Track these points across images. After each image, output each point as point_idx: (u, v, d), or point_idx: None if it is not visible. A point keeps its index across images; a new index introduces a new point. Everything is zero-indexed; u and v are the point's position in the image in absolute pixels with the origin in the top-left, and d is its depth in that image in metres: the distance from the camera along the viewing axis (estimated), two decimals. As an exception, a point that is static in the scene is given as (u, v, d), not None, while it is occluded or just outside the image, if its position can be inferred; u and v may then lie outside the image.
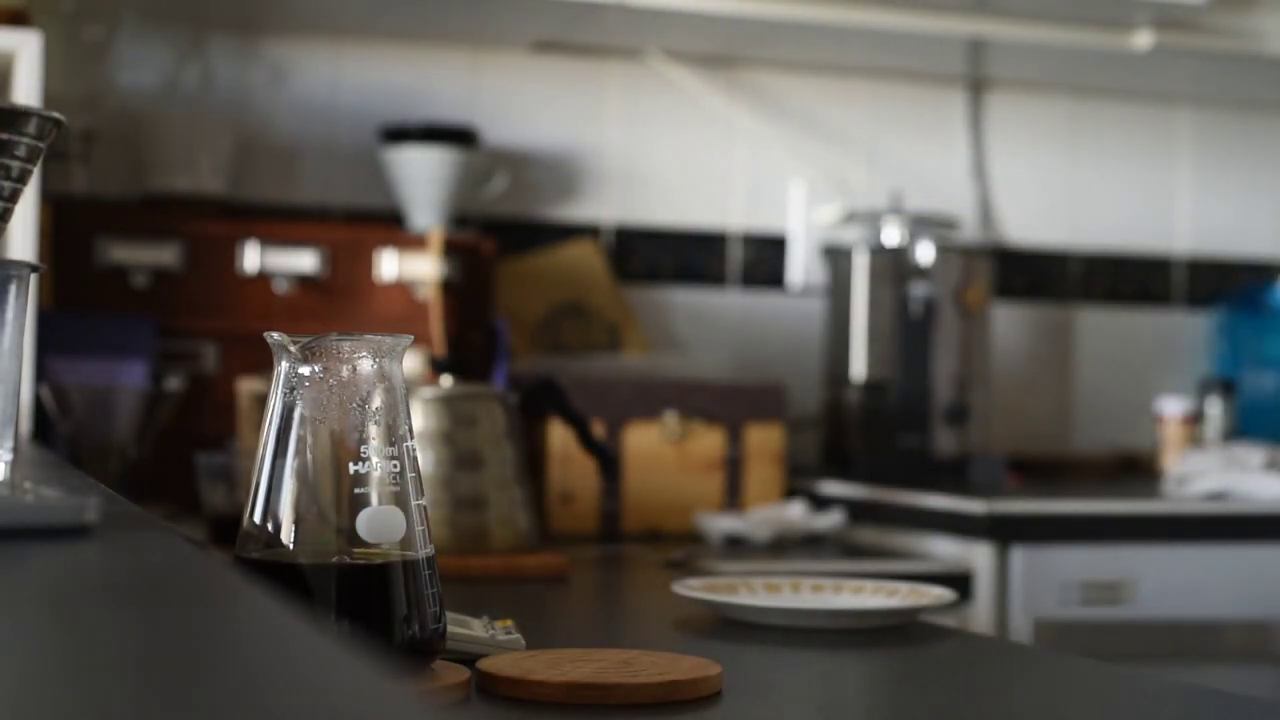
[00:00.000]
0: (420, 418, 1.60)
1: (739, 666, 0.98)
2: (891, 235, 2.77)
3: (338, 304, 2.44)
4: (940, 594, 1.24)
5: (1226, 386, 2.98)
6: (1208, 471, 2.50)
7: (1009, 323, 3.07)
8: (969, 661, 1.12)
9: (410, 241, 2.49)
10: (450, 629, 0.89)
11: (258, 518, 0.85)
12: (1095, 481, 2.84)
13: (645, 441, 2.39)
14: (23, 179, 0.88)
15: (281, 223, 2.55)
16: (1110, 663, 1.12)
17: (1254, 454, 2.58)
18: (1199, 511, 2.33)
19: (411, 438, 0.86)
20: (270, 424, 0.86)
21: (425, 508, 0.86)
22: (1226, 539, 2.30)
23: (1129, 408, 3.11)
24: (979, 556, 2.20)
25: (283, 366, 0.86)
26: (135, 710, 0.40)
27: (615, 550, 2.17)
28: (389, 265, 2.46)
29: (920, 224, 2.79)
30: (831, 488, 2.55)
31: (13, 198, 0.88)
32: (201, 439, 2.11)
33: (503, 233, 2.74)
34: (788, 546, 2.28)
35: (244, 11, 2.66)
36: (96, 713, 0.40)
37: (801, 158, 2.96)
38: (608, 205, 2.87)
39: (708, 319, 2.92)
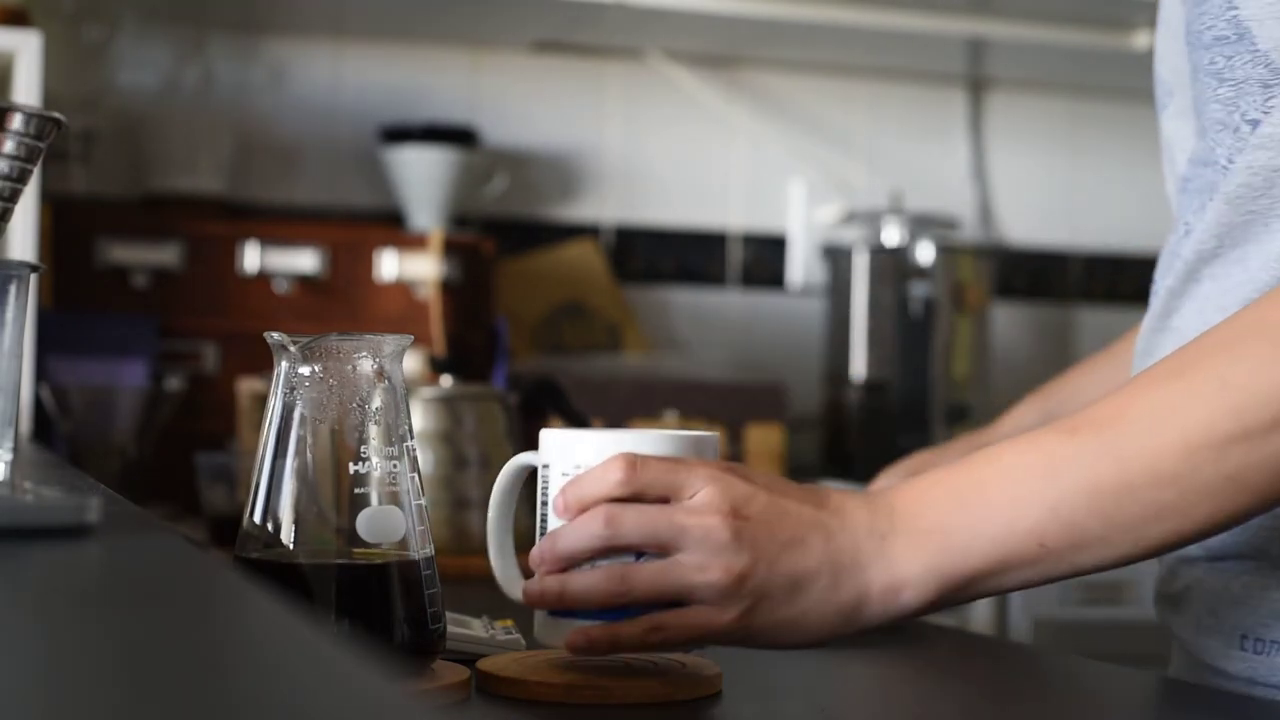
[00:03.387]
0: (420, 418, 1.60)
1: (739, 666, 0.98)
2: (891, 235, 2.77)
3: (338, 304, 2.44)
4: None
5: (1226, 386, 2.98)
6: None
7: (1009, 323, 3.07)
8: (969, 661, 1.11)
9: (410, 241, 2.49)
10: (450, 629, 0.89)
11: (258, 518, 0.85)
12: (1095, 481, 2.84)
13: (645, 441, 2.39)
14: (22, 179, 0.88)
15: (281, 223, 2.55)
16: (1110, 663, 1.12)
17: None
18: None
19: (411, 438, 0.86)
20: (270, 424, 0.86)
21: (425, 508, 0.86)
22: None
23: (1129, 408, 3.11)
24: (979, 556, 2.20)
25: (283, 366, 0.86)
26: (135, 710, 0.40)
27: (615, 550, 2.16)
28: (389, 265, 2.46)
29: (920, 224, 2.79)
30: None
31: (12, 198, 0.88)
32: (201, 439, 2.11)
33: (503, 233, 2.74)
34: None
35: (244, 11, 2.66)
36: (96, 713, 0.40)
37: (801, 158, 2.96)
38: (608, 205, 2.87)
39: (708, 319, 2.92)
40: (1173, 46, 1.09)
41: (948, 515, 0.86)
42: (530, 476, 0.93)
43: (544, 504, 0.89)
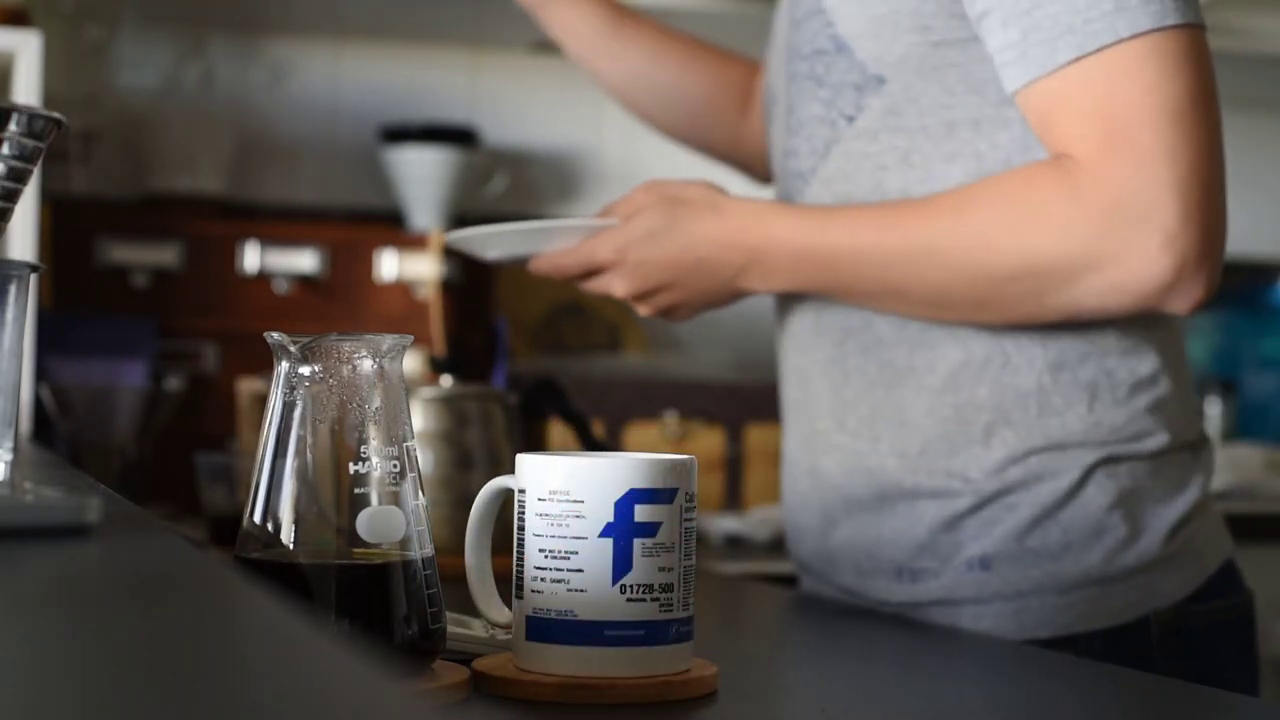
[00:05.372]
0: (420, 418, 1.60)
1: (737, 666, 0.98)
2: (891, 235, 2.77)
3: (338, 304, 2.45)
4: None
5: (1226, 386, 2.98)
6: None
7: (1009, 323, 3.06)
8: (969, 661, 1.12)
9: (410, 241, 2.49)
10: (450, 629, 0.89)
11: (258, 518, 0.85)
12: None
13: (645, 441, 2.39)
14: (22, 179, 0.88)
15: (281, 223, 2.55)
16: (1110, 663, 1.12)
17: (1254, 454, 2.57)
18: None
19: (411, 438, 0.86)
20: (270, 424, 0.86)
21: (425, 508, 0.86)
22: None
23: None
24: (979, 556, 2.20)
25: (283, 366, 0.86)
26: (135, 710, 0.40)
27: (615, 550, 2.16)
28: (389, 265, 2.46)
29: (920, 224, 2.78)
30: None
31: (12, 198, 0.88)
32: (201, 439, 2.11)
33: (503, 233, 2.74)
34: (787, 546, 2.28)
35: (244, 11, 2.66)
36: (96, 713, 0.40)
37: (801, 158, 2.96)
38: (608, 205, 2.87)
39: (708, 319, 2.91)
40: (776, 63, 1.37)
41: (791, 270, 1.24)
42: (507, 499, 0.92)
43: (520, 528, 0.89)
